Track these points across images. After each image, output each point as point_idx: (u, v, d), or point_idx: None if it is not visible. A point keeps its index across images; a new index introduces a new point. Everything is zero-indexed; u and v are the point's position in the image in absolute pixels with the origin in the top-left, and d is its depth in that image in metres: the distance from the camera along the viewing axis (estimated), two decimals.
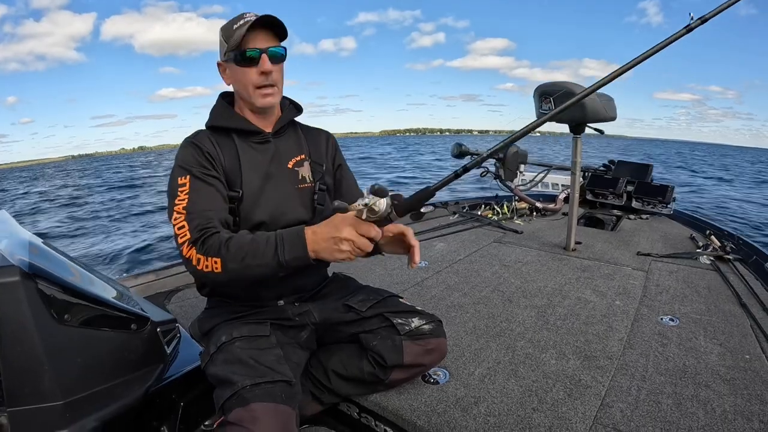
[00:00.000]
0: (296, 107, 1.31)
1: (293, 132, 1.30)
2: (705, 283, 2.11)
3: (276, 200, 1.19)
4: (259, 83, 1.13)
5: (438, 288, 2.09)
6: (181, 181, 1.08)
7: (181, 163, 1.11)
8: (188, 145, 1.14)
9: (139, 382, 1.06)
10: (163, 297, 1.99)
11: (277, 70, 1.14)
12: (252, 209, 1.16)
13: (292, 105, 1.31)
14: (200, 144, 1.13)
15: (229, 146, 1.18)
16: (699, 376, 1.35)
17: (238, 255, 0.97)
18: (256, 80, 1.12)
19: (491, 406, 1.22)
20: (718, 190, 14.61)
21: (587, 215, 3.60)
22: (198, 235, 1.00)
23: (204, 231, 1.01)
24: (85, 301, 0.99)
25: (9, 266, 0.86)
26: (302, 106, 1.31)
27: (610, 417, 1.17)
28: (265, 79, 1.12)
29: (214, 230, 1.02)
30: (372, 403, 1.26)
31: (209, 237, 1.00)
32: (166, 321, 1.26)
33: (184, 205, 1.04)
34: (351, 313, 1.27)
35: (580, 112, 2.35)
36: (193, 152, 1.12)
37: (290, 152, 1.25)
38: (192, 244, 1.00)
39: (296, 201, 1.23)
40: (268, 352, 1.09)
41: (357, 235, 0.91)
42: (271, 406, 0.95)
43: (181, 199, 1.05)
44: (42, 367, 0.88)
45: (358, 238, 0.91)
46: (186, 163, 1.10)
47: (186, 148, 1.13)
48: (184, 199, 1.05)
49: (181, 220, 1.03)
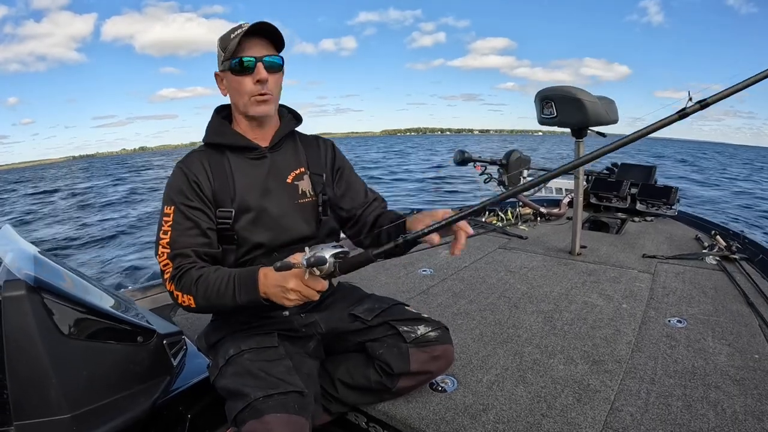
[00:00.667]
0: (296, 117, 1.30)
1: (292, 144, 1.28)
2: (712, 284, 2.10)
3: (275, 218, 1.18)
4: (254, 92, 1.12)
5: (444, 295, 2.08)
6: (166, 211, 1.12)
7: (169, 190, 1.14)
8: (177, 171, 1.16)
9: (146, 395, 1.06)
10: (169, 309, 1.99)
11: (273, 80, 1.13)
12: (251, 230, 1.16)
13: (291, 115, 1.30)
14: (188, 170, 1.14)
15: (222, 164, 1.17)
16: (708, 378, 1.33)
17: (205, 294, 1.03)
18: (252, 89, 1.12)
19: (500, 413, 1.21)
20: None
21: (592, 219, 3.59)
22: (175, 272, 1.07)
23: (179, 268, 1.07)
24: (91, 314, 1.00)
25: (15, 280, 0.87)
26: (301, 115, 1.29)
27: (620, 421, 1.16)
28: (261, 87, 1.12)
29: (188, 267, 1.07)
30: (380, 412, 1.25)
31: (183, 274, 1.06)
32: (172, 333, 1.26)
33: (167, 240, 1.09)
34: (357, 322, 1.26)
35: (582, 116, 2.36)
36: (180, 180, 1.14)
37: (289, 166, 1.24)
38: (171, 280, 1.06)
39: (297, 216, 1.21)
40: (278, 363, 1.09)
41: (303, 287, 0.94)
42: (284, 417, 0.94)
43: (165, 232, 1.10)
44: (49, 381, 0.88)
45: (305, 288, 0.94)
46: (172, 192, 1.13)
47: (175, 174, 1.16)
48: (167, 231, 1.10)
49: (164, 257, 1.08)
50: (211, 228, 1.14)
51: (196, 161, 1.16)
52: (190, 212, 1.11)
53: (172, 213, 1.11)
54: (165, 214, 1.11)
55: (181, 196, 1.12)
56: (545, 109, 2.53)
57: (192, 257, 1.09)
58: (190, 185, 1.13)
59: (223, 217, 1.15)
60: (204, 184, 1.14)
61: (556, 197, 4.03)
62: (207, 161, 1.17)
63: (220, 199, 1.15)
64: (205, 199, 1.14)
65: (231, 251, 1.16)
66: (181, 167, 1.16)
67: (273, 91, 1.14)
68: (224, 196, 1.15)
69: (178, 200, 1.11)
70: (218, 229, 1.15)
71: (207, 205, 1.14)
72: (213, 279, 1.03)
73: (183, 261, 1.07)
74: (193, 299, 1.04)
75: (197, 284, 1.03)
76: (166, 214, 1.11)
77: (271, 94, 1.14)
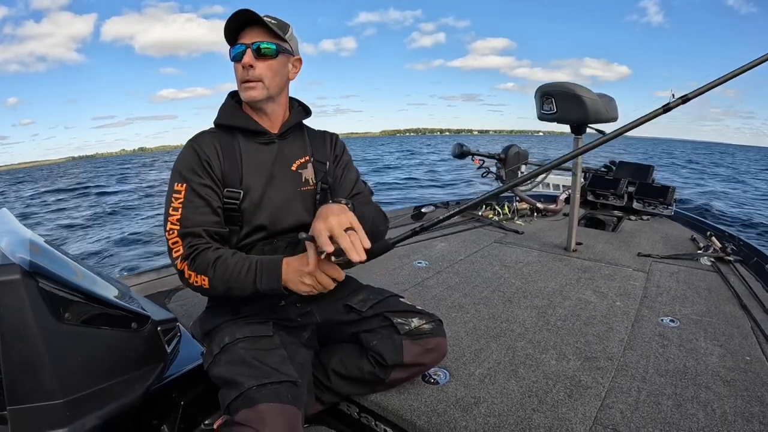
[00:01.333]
0: (305, 110, 1.32)
1: (299, 135, 1.30)
2: (705, 285, 2.11)
3: (277, 203, 1.20)
4: (242, 78, 1.14)
5: (438, 288, 2.09)
6: (177, 188, 1.12)
7: (179, 167, 1.14)
8: (188, 147, 1.16)
9: (140, 381, 1.07)
10: (164, 296, 2.00)
11: (264, 66, 1.13)
12: (253, 212, 1.17)
13: (301, 107, 1.31)
14: (199, 148, 1.15)
15: (233, 146, 1.18)
16: (699, 378, 1.35)
17: (223, 277, 1.05)
18: (240, 75, 1.14)
19: (491, 406, 1.22)
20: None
21: (588, 216, 3.60)
22: (189, 251, 1.07)
23: (194, 248, 1.07)
24: (86, 300, 1.00)
25: (10, 264, 0.87)
26: (311, 108, 1.31)
27: (610, 418, 1.17)
28: (246, 73, 1.13)
29: (203, 247, 1.08)
30: (372, 402, 1.26)
31: (199, 254, 1.07)
32: (166, 320, 1.26)
33: (178, 217, 1.09)
34: (352, 313, 1.27)
35: (582, 113, 2.35)
36: (191, 157, 1.14)
37: (294, 154, 1.25)
38: (184, 259, 1.07)
39: (298, 204, 1.23)
40: (272, 353, 1.09)
41: (321, 274, 0.99)
42: (277, 407, 0.95)
43: (175, 209, 1.10)
44: (43, 366, 0.88)
45: (322, 276, 0.99)
46: (184, 169, 1.13)
47: (186, 151, 1.16)
48: (177, 208, 1.10)
49: (174, 235, 1.09)
50: (220, 207, 1.15)
51: (207, 141, 1.17)
52: (202, 190, 1.12)
53: (184, 190, 1.11)
54: (175, 191, 1.11)
55: (192, 174, 1.12)
56: (545, 104, 2.52)
57: (204, 237, 1.10)
58: (201, 164, 1.13)
59: (231, 197, 1.16)
60: (214, 163, 1.15)
61: (553, 193, 4.04)
62: (218, 141, 1.18)
63: (228, 179, 1.16)
64: (215, 178, 1.15)
65: (234, 232, 1.18)
66: (192, 145, 1.16)
67: (264, 77, 1.14)
68: (233, 176, 1.16)
69: (190, 177, 1.12)
70: (225, 208, 1.16)
71: (217, 185, 1.15)
72: (232, 263, 1.05)
73: (195, 240, 1.08)
74: (209, 281, 1.05)
75: (215, 266, 1.05)
76: (176, 191, 1.11)
77: (258, 80, 1.14)
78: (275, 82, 1.17)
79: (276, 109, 1.23)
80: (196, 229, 1.09)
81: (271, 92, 1.18)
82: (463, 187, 12.54)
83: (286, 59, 1.19)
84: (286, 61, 1.19)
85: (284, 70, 1.19)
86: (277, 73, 1.16)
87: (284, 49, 1.16)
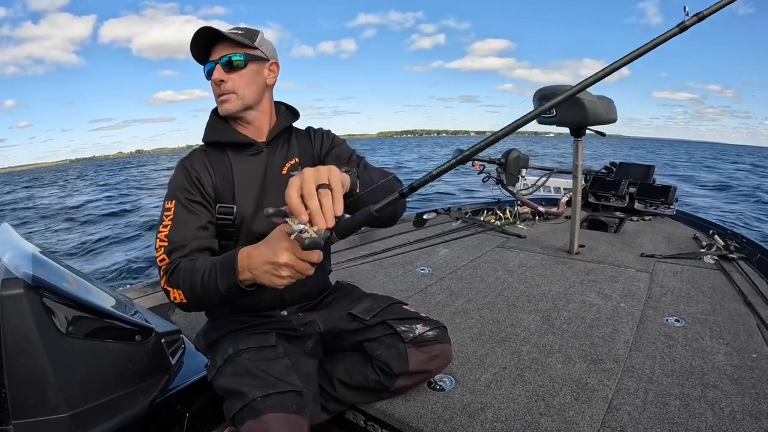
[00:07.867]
0: (293, 113, 1.31)
1: (288, 139, 1.29)
2: (709, 283, 2.10)
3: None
4: (216, 93, 1.16)
5: (442, 294, 2.08)
6: (167, 206, 1.12)
7: (171, 186, 1.15)
8: (179, 167, 1.18)
9: (144, 394, 1.06)
10: (167, 308, 1.99)
11: (236, 77, 1.14)
12: (250, 225, 1.17)
13: (289, 111, 1.31)
14: (190, 166, 1.16)
15: (223, 162, 1.19)
16: (706, 377, 1.34)
17: (191, 286, 0.98)
18: (215, 90, 1.16)
19: (498, 411, 1.22)
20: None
21: (590, 218, 3.60)
22: (168, 267, 1.04)
23: (173, 262, 1.03)
24: (89, 313, 0.99)
25: (13, 279, 0.87)
26: (299, 111, 1.30)
27: (618, 420, 1.16)
28: (219, 88, 1.14)
29: (180, 260, 1.03)
30: (378, 411, 1.26)
31: (175, 268, 1.02)
32: (170, 332, 1.26)
33: (166, 233, 1.08)
34: (355, 322, 1.26)
35: (581, 115, 2.35)
36: (182, 176, 1.15)
37: (284, 159, 1.25)
38: (164, 274, 1.04)
39: None
40: (276, 363, 1.09)
41: (296, 260, 0.82)
42: (283, 417, 0.94)
43: (165, 226, 1.09)
44: (47, 379, 0.88)
45: (298, 262, 0.82)
46: (174, 188, 1.14)
47: (177, 171, 1.17)
48: (167, 225, 1.09)
49: (161, 252, 1.06)
50: (211, 222, 1.14)
51: (197, 159, 1.18)
52: (191, 205, 1.12)
53: (173, 207, 1.11)
54: (166, 209, 1.11)
55: (182, 191, 1.13)
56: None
57: (190, 252, 1.06)
58: (192, 181, 1.14)
59: (224, 212, 1.16)
60: (205, 179, 1.15)
61: (554, 196, 4.04)
62: (208, 158, 1.19)
63: (221, 195, 1.16)
64: (206, 195, 1.15)
65: (229, 247, 1.16)
66: (183, 164, 1.18)
67: (236, 88, 1.14)
68: (225, 191, 1.17)
69: (179, 195, 1.12)
70: (219, 224, 1.16)
71: (208, 201, 1.15)
72: (198, 268, 0.98)
73: (179, 255, 1.05)
74: (183, 294, 0.99)
75: (185, 276, 0.99)
76: (167, 209, 1.11)
77: (231, 92, 1.14)
78: (249, 91, 1.17)
79: (258, 116, 1.22)
80: (183, 243, 1.07)
81: (247, 101, 1.17)
82: (462, 195, 12.53)
83: (260, 66, 1.18)
84: (260, 68, 1.18)
85: (259, 78, 1.18)
86: (250, 82, 1.16)
87: (255, 57, 1.16)
